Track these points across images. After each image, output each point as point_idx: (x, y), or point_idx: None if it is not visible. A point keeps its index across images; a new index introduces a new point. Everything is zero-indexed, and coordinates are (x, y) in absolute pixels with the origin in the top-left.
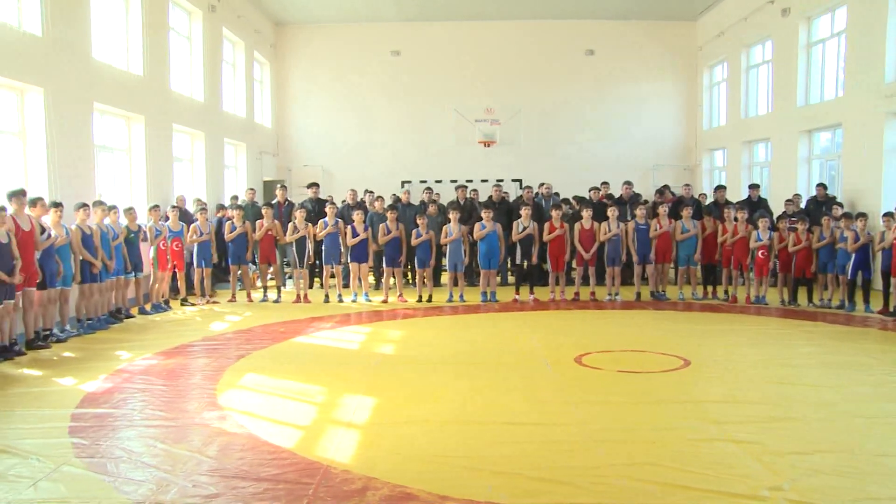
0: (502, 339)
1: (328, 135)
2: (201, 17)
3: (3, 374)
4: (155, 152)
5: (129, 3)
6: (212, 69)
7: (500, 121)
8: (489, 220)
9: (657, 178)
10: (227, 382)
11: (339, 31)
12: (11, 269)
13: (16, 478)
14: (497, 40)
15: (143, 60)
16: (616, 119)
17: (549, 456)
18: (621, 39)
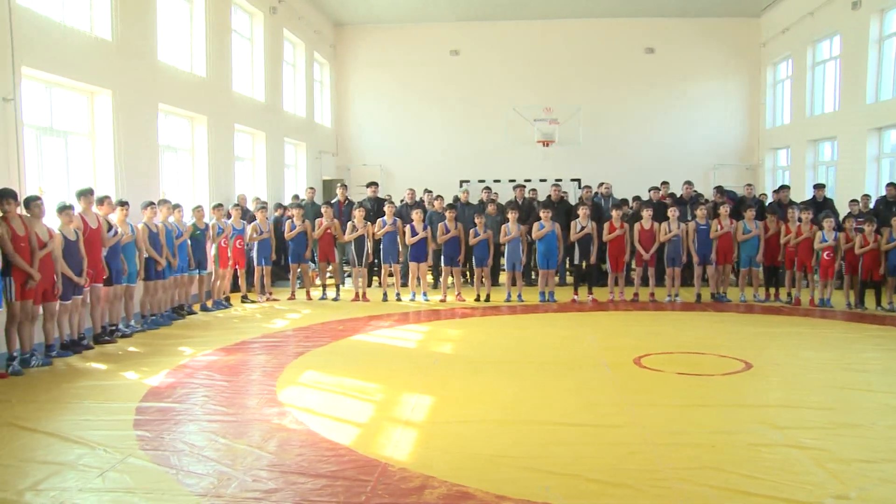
0: (560, 340)
1: (387, 134)
2: (263, 19)
3: (73, 367)
4: (217, 152)
5: (194, 7)
6: (273, 70)
7: (559, 120)
8: (548, 220)
9: (718, 177)
10: (287, 379)
11: (397, 31)
12: (80, 266)
13: (85, 467)
14: (555, 39)
15: (206, 62)
16: (676, 118)
17: (606, 458)
18: (682, 37)
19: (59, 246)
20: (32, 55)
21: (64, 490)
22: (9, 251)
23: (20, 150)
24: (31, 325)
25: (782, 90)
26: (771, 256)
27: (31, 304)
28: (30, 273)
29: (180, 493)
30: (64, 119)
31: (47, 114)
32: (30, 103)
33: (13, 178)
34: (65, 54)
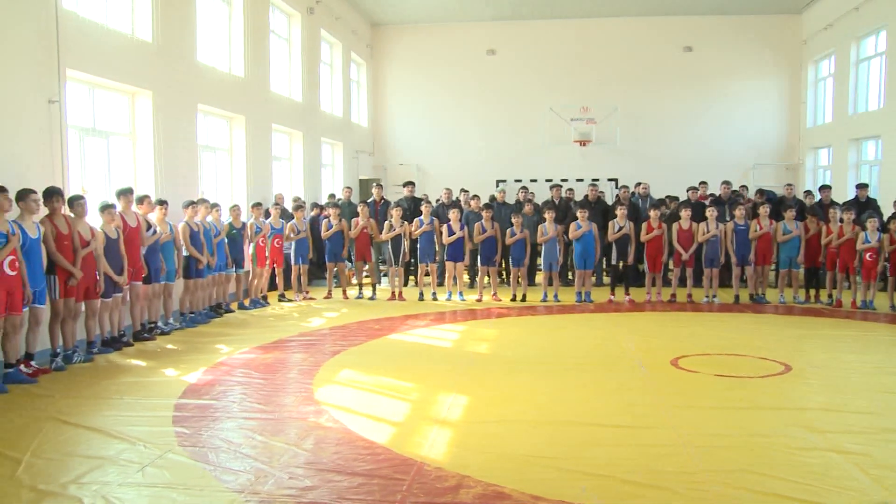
0: (596, 340)
1: (423, 134)
2: (300, 20)
3: (113, 364)
4: (255, 151)
5: (232, 8)
6: (310, 70)
7: (596, 120)
8: (585, 220)
9: (757, 177)
10: (324, 377)
11: (434, 31)
12: (121, 264)
13: (126, 462)
14: (592, 38)
15: (244, 63)
16: (715, 117)
17: (642, 459)
18: (721, 35)
19: (101, 244)
20: (76, 57)
21: (105, 484)
22: (52, 250)
23: (64, 151)
24: (74, 322)
25: (824, 88)
26: (811, 257)
27: (74, 302)
28: (71, 271)
29: (218, 490)
30: (106, 120)
31: (90, 115)
32: (73, 105)
33: (57, 178)
34: (107, 56)
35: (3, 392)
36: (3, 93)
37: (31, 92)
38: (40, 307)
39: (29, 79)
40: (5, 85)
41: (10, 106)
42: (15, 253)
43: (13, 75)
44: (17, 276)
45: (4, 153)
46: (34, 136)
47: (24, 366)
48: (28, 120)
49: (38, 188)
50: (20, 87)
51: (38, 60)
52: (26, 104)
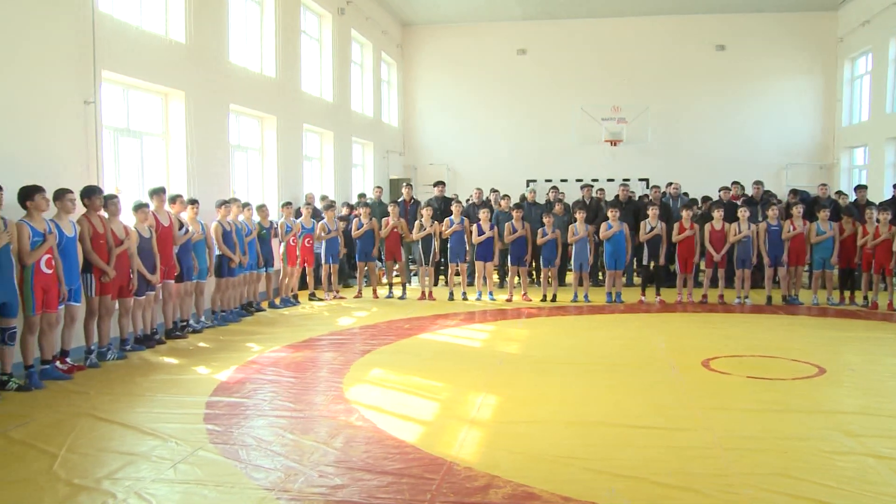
0: (627, 341)
1: (454, 133)
2: (331, 20)
3: (146, 361)
4: (286, 151)
5: (264, 9)
6: (341, 70)
7: (627, 119)
8: (616, 220)
9: (790, 177)
10: (354, 376)
11: (464, 30)
12: (153, 263)
13: (158, 459)
14: (624, 37)
15: (275, 63)
16: (747, 116)
17: (673, 461)
18: (754, 33)
19: (135, 243)
20: (112, 59)
21: (138, 480)
22: (87, 248)
23: (99, 151)
24: (108, 319)
25: (860, 86)
26: (846, 258)
27: (109, 300)
28: (105, 270)
29: (248, 487)
30: (139, 120)
31: (124, 115)
32: (108, 105)
33: (92, 178)
34: (141, 57)
35: (40, 388)
36: (42, 95)
37: (67, 93)
38: (76, 305)
39: (66, 81)
40: (44, 87)
41: (47, 107)
42: (51, 251)
43: (51, 77)
44: (53, 275)
45: (42, 153)
46: (70, 137)
47: (59, 362)
48: (65, 121)
49: (73, 187)
50: (58, 88)
51: (75, 63)
52: (63, 105)
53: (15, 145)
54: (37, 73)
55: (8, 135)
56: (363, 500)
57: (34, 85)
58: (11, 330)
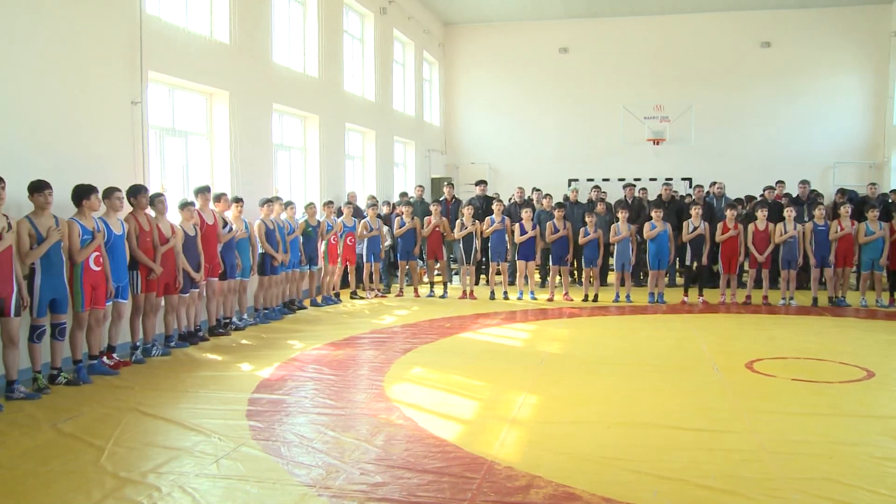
0: (670, 342)
1: (495, 133)
2: (373, 20)
3: (190, 358)
4: (328, 150)
5: (307, 9)
6: (383, 69)
7: (670, 118)
8: (659, 220)
9: (838, 176)
10: (395, 375)
11: (506, 29)
12: (198, 260)
13: (201, 454)
14: (667, 35)
15: (318, 63)
16: (794, 114)
17: (717, 464)
18: (801, 29)
19: (181, 241)
20: (158, 60)
21: (182, 474)
22: (133, 246)
23: (145, 150)
24: (154, 316)
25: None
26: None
27: (154, 297)
28: (151, 267)
29: (290, 483)
30: (184, 120)
31: (169, 115)
32: (154, 105)
33: (139, 177)
34: (186, 58)
35: (88, 383)
36: (91, 96)
37: (115, 94)
38: (123, 302)
39: (114, 81)
40: (93, 89)
41: (96, 108)
42: (99, 249)
43: (100, 79)
44: (101, 272)
45: (91, 153)
46: (118, 137)
47: (106, 358)
48: (112, 121)
49: (121, 186)
50: (107, 90)
51: (123, 64)
52: (111, 106)
53: (65, 145)
54: (86, 74)
55: (59, 135)
56: (404, 498)
57: (84, 86)
58: (62, 325)
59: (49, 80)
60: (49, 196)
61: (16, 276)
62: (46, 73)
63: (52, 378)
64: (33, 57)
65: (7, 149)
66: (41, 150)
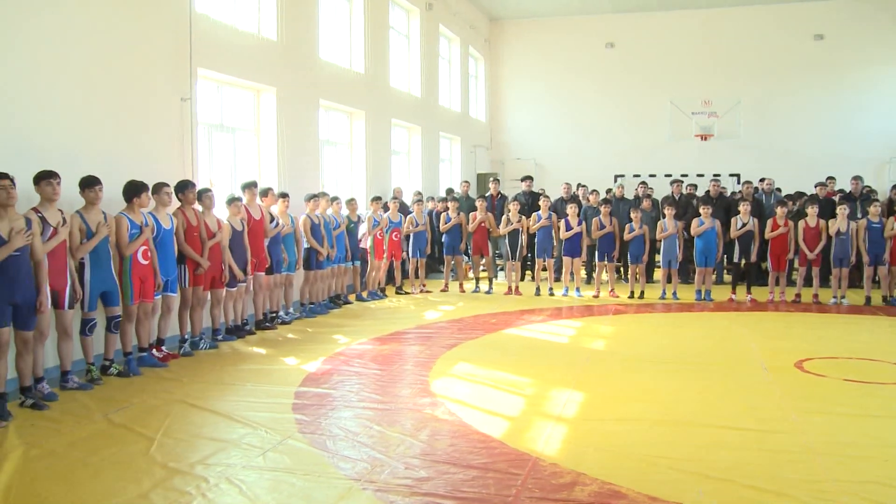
0: (716, 340)
1: (541, 128)
2: (419, 15)
3: (237, 351)
4: (374, 146)
5: (353, 5)
6: (428, 65)
7: (718, 113)
8: (708, 216)
9: (893, 172)
10: (440, 370)
11: (552, 24)
12: (245, 255)
13: (248, 446)
14: (716, 29)
15: (364, 59)
16: (847, 108)
17: (765, 465)
18: (856, 20)
19: (228, 236)
20: (207, 57)
21: (229, 466)
22: (180, 240)
23: (194, 146)
24: (201, 310)
25: None
26: None
27: (202, 291)
28: (198, 261)
29: (335, 477)
30: (232, 116)
31: (218, 111)
32: (203, 102)
33: (187, 172)
34: (234, 55)
35: (137, 374)
36: (143, 93)
37: (165, 91)
38: (171, 295)
39: (165, 79)
40: (145, 86)
41: (147, 105)
42: (147, 243)
43: (152, 77)
44: (149, 266)
45: (141, 149)
46: (167, 133)
47: (155, 350)
48: (162, 117)
49: (170, 182)
50: (157, 87)
51: (172, 61)
52: (161, 103)
53: (116, 141)
54: (137, 72)
55: (110, 131)
56: (448, 493)
57: (135, 83)
58: (116, 318)
59: (101, 79)
60: (99, 191)
61: (69, 270)
62: (99, 72)
63: (103, 369)
64: (86, 56)
65: (60, 145)
66: (93, 147)
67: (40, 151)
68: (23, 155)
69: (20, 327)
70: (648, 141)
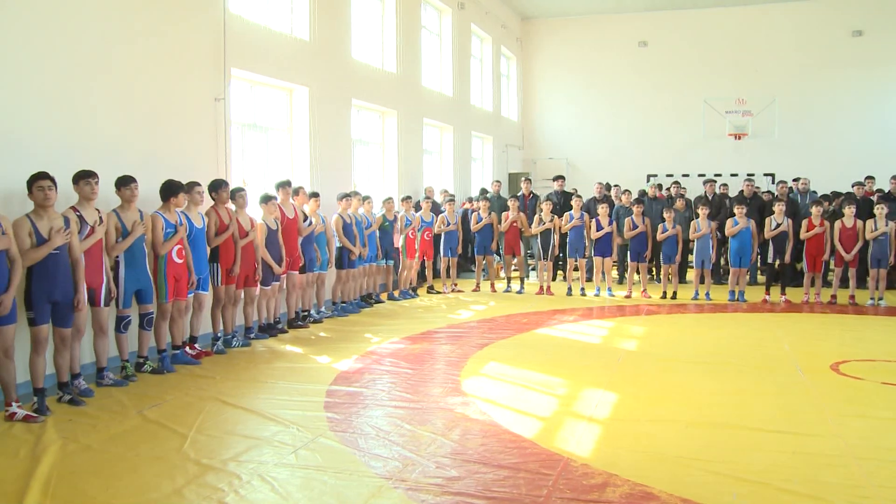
0: (750, 341)
1: (573, 128)
2: (451, 15)
3: (269, 349)
4: (406, 145)
5: (385, 5)
6: (460, 65)
7: (752, 111)
8: (742, 216)
9: None
10: (471, 369)
11: (584, 23)
12: (279, 254)
13: (280, 444)
14: (751, 26)
15: (396, 58)
16: (885, 106)
17: (801, 468)
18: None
19: (262, 235)
20: (240, 57)
21: (261, 463)
22: (210, 238)
23: (227, 145)
24: (234, 308)
25: None
26: None
27: (234, 289)
28: (233, 261)
29: (366, 475)
30: (265, 115)
31: (251, 111)
32: (237, 102)
33: (221, 171)
34: (267, 55)
35: (171, 371)
36: (178, 93)
37: (199, 91)
38: (204, 293)
39: (199, 79)
40: (180, 86)
41: (181, 105)
42: (182, 242)
43: (187, 77)
44: (183, 264)
45: (175, 148)
46: (201, 132)
47: (188, 348)
48: (197, 117)
49: (203, 181)
50: (192, 87)
51: (207, 62)
52: (195, 103)
53: (151, 140)
54: (172, 72)
55: (145, 131)
56: (479, 492)
57: (169, 84)
58: (150, 315)
59: (136, 79)
60: (135, 190)
61: (105, 268)
62: (135, 73)
63: (138, 366)
64: (123, 58)
65: (97, 144)
66: (129, 146)
67: (79, 151)
68: (61, 154)
69: (58, 324)
70: (682, 140)
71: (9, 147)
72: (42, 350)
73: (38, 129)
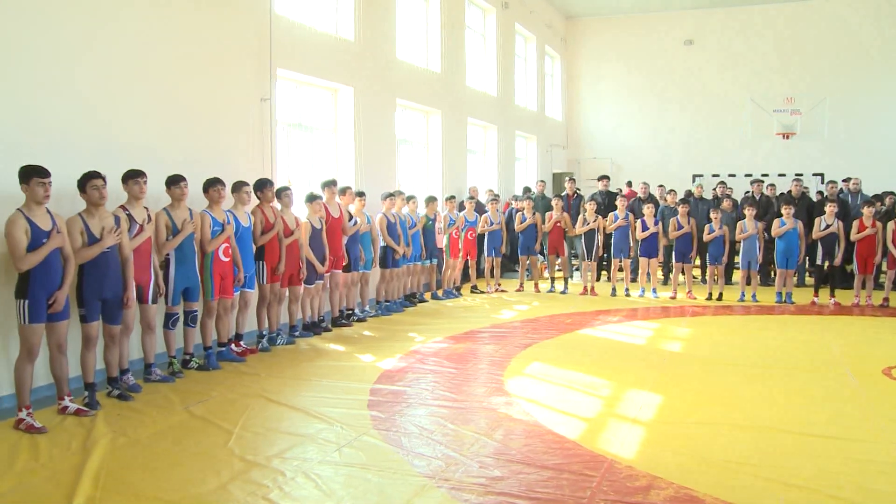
0: (798, 344)
1: (617, 127)
2: (495, 14)
3: (313, 347)
4: (450, 145)
5: (429, 5)
6: (504, 64)
7: (801, 110)
8: (790, 217)
9: None
10: (514, 369)
11: (629, 21)
12: (323, 253)
13: (324, 441)
14: (800, 23)
15: (440, 58)
16: None
17: (852, 475)
18: None
19: (307, 233)
20: (286, 58)
21: (305, 460)
22: (256, 236)
23: (273, 145)
24: (279, 306)
25: None
26: None
27: (279, 287)
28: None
29: (409, 474)
30: (310, 115)
31: (296, 110)
32: (282, 102)
33: (267, 171)
34: (312, 55)
35: (217, 368)
36: (225, 94)
37: (246, 91)
38: (249, 291)
39: (245, 80)
40: (227, 87)
41: (228, 105)
42: (228, 240)
43: (232, 77)
44: (229, 262)
45: (223, 148)
46: (247, 132)
47: (234, 345)
48: (243, 117)
49: (250, 180)
50: (238, 88)
51: (253, 62)
52: (241, 103)
53: (198, 140)
54: (219, 73)
55: (192, 130)
56: (522, 493)
57: (216, 84)
58: (194, 313)
59: (184, 80)
60: (185, 188)
61: (153, 266)
62: (183, 74)
63: (184, 363)
64: (170, 58)
65: (146, 144)
66: (177, 146)
67: (128, 151)
68: (111, 154)
69: (108, 321)
70: (728, 139)
71: (60, 148)
72: (92, 346)
73: (85, 130)
